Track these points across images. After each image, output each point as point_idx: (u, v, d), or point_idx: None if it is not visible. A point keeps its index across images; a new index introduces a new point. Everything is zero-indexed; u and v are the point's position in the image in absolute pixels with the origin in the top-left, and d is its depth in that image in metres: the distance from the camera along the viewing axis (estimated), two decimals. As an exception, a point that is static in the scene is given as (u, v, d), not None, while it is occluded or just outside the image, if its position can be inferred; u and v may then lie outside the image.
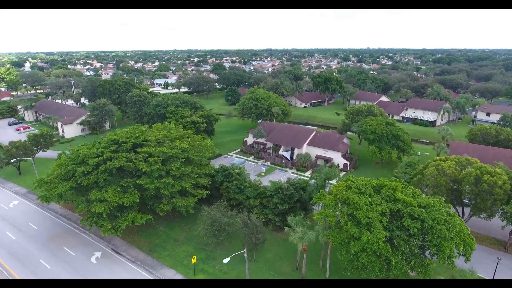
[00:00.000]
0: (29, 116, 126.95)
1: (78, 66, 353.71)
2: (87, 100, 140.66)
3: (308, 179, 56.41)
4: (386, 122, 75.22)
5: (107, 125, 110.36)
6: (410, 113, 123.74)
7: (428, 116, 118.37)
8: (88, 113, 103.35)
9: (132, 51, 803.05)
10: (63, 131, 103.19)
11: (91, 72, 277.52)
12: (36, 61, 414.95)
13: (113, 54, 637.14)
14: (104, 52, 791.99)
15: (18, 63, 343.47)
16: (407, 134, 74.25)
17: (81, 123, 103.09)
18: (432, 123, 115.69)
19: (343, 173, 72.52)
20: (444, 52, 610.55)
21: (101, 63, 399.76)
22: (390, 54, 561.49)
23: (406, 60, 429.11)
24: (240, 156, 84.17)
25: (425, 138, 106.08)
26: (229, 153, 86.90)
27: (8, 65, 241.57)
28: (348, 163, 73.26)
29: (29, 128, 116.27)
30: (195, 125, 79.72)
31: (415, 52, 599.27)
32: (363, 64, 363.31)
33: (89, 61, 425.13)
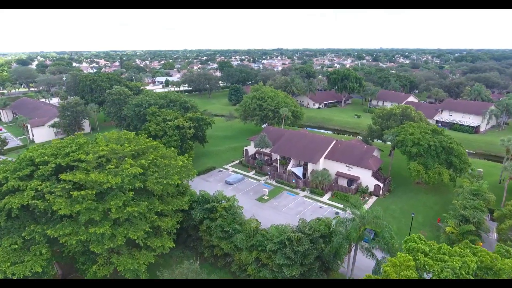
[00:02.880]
0: (4, 116, 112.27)
1: (84, 64, 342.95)
2: (72, 98, 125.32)
3: (328, 215, 38.24)
4: (433, 130, 56.15)
5: (86, 128, 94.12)
6: (446, 116, 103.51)
7: (469, 120, 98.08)
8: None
9: (142, 51, 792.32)
10: (32, 135, 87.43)
11: (94, 70, 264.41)
12: (44, 59, 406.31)
13: (123, 53, 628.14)
14: (115, 51, 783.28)
15: (24, 61, 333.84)
16: (462, 147, 54.99)
17: (53, 126, 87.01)
18: (475, 129, 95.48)
19: (374, 198, 53.85)
20: (462, 51, 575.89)
21: (108, 61, 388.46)
22: (406, 53, 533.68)
23: (424, 59, 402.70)
24: (238, 171, 66.30)
25: (468, 148, 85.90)
26: (224, 166, 69.16)
27: (1, 62, 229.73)
28: (381, 184, 54.43)
29: (1, 130, 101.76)
30: (180, 130, 62.33)
31: (432, 52, 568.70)
32: (379, 63, 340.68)
33: (96, 60, 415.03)
